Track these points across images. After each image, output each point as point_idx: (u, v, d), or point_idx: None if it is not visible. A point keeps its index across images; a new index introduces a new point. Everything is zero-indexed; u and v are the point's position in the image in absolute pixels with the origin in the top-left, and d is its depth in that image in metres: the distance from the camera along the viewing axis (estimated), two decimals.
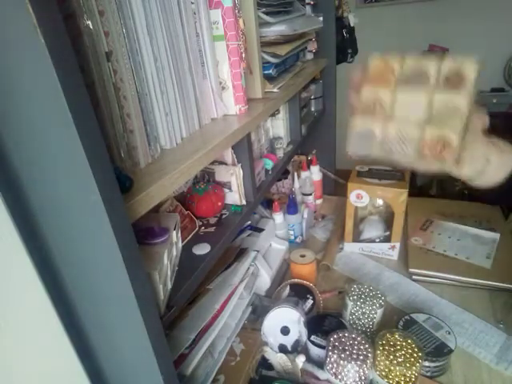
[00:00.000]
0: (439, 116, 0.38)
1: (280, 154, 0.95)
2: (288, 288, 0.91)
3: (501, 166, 0.44)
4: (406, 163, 0.40)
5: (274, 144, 0.95)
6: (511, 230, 1.06)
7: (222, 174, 0.73)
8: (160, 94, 0.49)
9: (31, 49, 0.28)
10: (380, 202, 1.10)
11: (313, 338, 0.75)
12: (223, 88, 0.66)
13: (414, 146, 0.39)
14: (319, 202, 1.37)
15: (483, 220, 1.11)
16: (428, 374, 0.71)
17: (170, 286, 0.51)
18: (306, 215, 1.16)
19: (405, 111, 0.39)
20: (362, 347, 0.67)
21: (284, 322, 0.77)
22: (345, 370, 0.65)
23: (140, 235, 0.49)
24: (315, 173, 1.30)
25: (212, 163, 0.74)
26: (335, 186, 1.48)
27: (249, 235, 0.99)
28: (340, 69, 1.31)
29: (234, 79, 0.66)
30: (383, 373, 0.65)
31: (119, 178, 0.37)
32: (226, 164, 0.74)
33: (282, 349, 0.77)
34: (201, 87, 0.60)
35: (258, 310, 0.88)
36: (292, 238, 1.14)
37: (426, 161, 0.39)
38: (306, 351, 0.76)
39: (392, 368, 0.64)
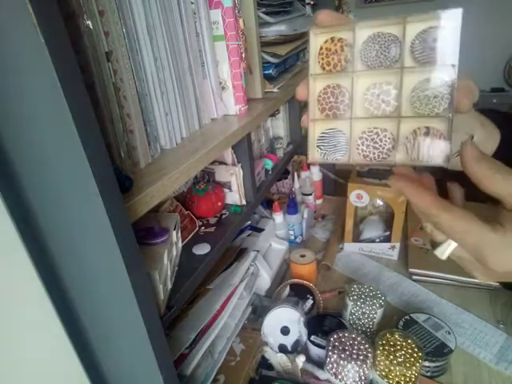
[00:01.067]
0: (419, 98, 0.28)
1: (280, 153, 0.95)
2: (288, 288, 0.91)
3: (483, 144, 0.35)
4: (387, 165, 0.30)
5: (273, 144, 0.95)
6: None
7: (221, 174, 0.73)
8: (160, 94, 0.49)
9: (31, 49, 0.28)
10: (380, 202, 1.10)
11: (313, 338, 0.75)
12: (223, 88, 0.66)
13: (393, 143, 0.29)
14: (319, 201, 1.37)
15: None
16: (428, 374, 0.71)
17: (169, 286, 0.51)
18: (306, 215, 1.16)
19: (373, 99, 0.29)
20: (362, 347, 0.67)
21: (284, 322, 0.77)
22: (345, 370, 0.65)
23: (140, 235, 0.49)
24: (315, 173, 1.30)
25: (212, 163, 0.74)
26: (335, 185, 1.48)
27: (249, 235, 0.99)
28: None
29: (234, 79, 0.66)
30: (383, 373, 0.65)
31: (119, 178, 0.37)
32: (226, 164, 0.74)
33: (282, 349, 0.77)
34: (201, 87, 0.60)
35: (258, 310, 0.87)
36: (292, 237, 1.13)
37: (412, 160, 0.29)
38: (306, 351, 0.76)
39: (392, 368, 0.64)
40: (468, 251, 0.29)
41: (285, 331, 0.77)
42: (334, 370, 0.67)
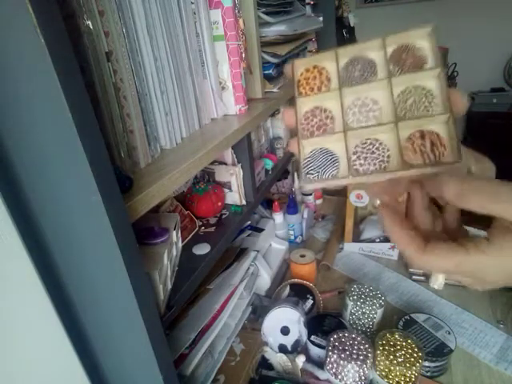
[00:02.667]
0: (409, 106, 0.28)
1: (280, 154, 0.95)
2: (288, 288, 0.91)
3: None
4: (387, 177, 0.29)
5: (273, 144, 0.95)
6: None
7: (221, 174, 0.73)
8: (160, 94, 0.49)
9: (31, 49, 0.28)
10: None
11: (313, 338, 0.75)
12: (223, 88, 0.66)
13: (394, 153, 0.28)
14: (319, 201, 1.37)
15: None
16: (428, 374, 0.71)
17: (169, 286, 0.51)
18: (306, 215, 1.16)
19: (362, 115, 0.30)
20: (362, 347, 0.67)
21: (284, 322, 0.77)
22: (345, 370, 0.65)
23: (140, 235, 0.49)
24: None
25: (212, 163, 0.74)
26: None
27: (249, 235, 0.99)
28: None
29: (234, 79, 0.66)
30: (383, 373, 0.65)
31: (119, 178, 0.37)
32: (225, 164, 0.74)
33: (282, 349, 0.77)
34: (201, 87, 0.60)
35: (258, 310, 0.87)
36: (292, 237, 1.13)
37: (416, 166, 0.28)
38: (306, 351, 0.76)
39: (392, 368, 0.64)
40: (462, 278, 0.28)
41: (285, 331, 0.77)
42: (334, 370, 0.67)
